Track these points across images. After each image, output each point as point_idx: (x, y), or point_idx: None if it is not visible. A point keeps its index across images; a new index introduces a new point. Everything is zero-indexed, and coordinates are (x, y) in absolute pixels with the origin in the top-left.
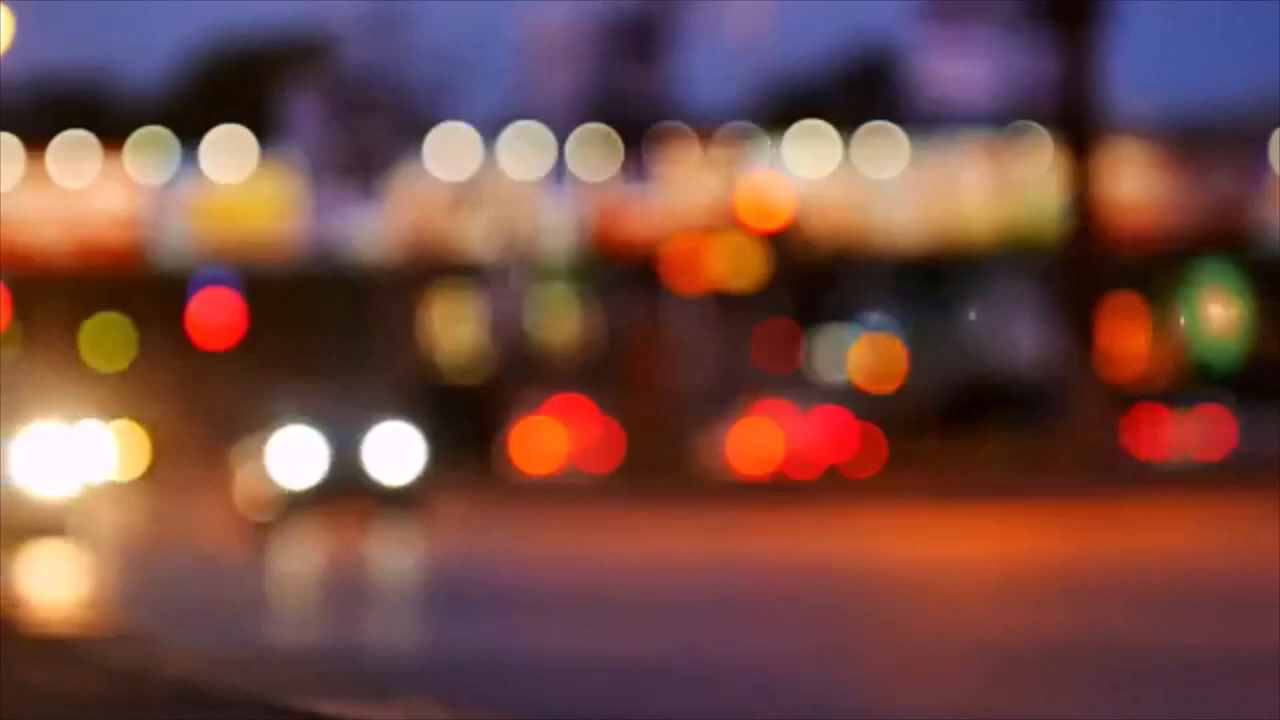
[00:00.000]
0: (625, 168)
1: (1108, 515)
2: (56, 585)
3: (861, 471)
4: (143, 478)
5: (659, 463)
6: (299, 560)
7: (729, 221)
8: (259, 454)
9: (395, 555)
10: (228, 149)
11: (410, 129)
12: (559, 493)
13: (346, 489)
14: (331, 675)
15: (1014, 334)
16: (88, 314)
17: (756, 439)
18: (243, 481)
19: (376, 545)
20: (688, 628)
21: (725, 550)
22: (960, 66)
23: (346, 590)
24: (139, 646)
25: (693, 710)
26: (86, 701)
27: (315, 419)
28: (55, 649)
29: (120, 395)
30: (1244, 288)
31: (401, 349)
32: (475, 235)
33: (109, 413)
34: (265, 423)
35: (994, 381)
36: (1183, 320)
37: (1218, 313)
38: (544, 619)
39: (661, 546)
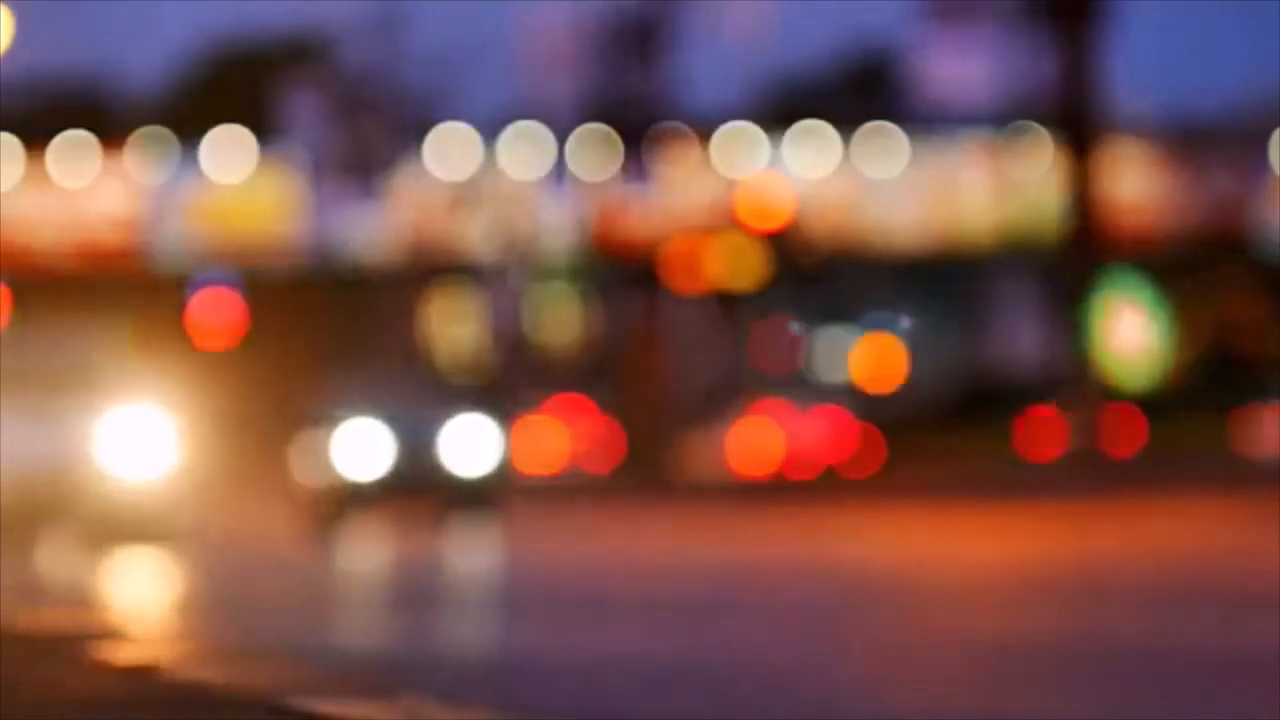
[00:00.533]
0: (625, 168)
1: (1107, 514)
2: (146, 588)
3: (861, 471)
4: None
5: (659, 463)
6: (356, 559)
7: (729, 221)
8: (321, 448)
9: (469, 555)
10: (228, 149)
11: (410, 129)
12: (558, 492)
13: (417, 484)
14: (331, 675)
15: (1014, 334)
16: (88, 314)
17: (756, 439)
18: (302, 476)
19: (449, 544)
20: (687, 627)
21: (725, 550)
22: (960, 66)
23: (382, 590)
24: (139, 645)
25: (693, 710)
26: (86, 701)
27: (383, 411)
28: (55, 648)
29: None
30: (1159, 299)
31: (401, 349)
32: (475, 235)
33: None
34: (327, 415)
35: (993, 381)
36: (1085, 331)
37: (1129, 326)
38: (543, 618)
39: (661, 546)
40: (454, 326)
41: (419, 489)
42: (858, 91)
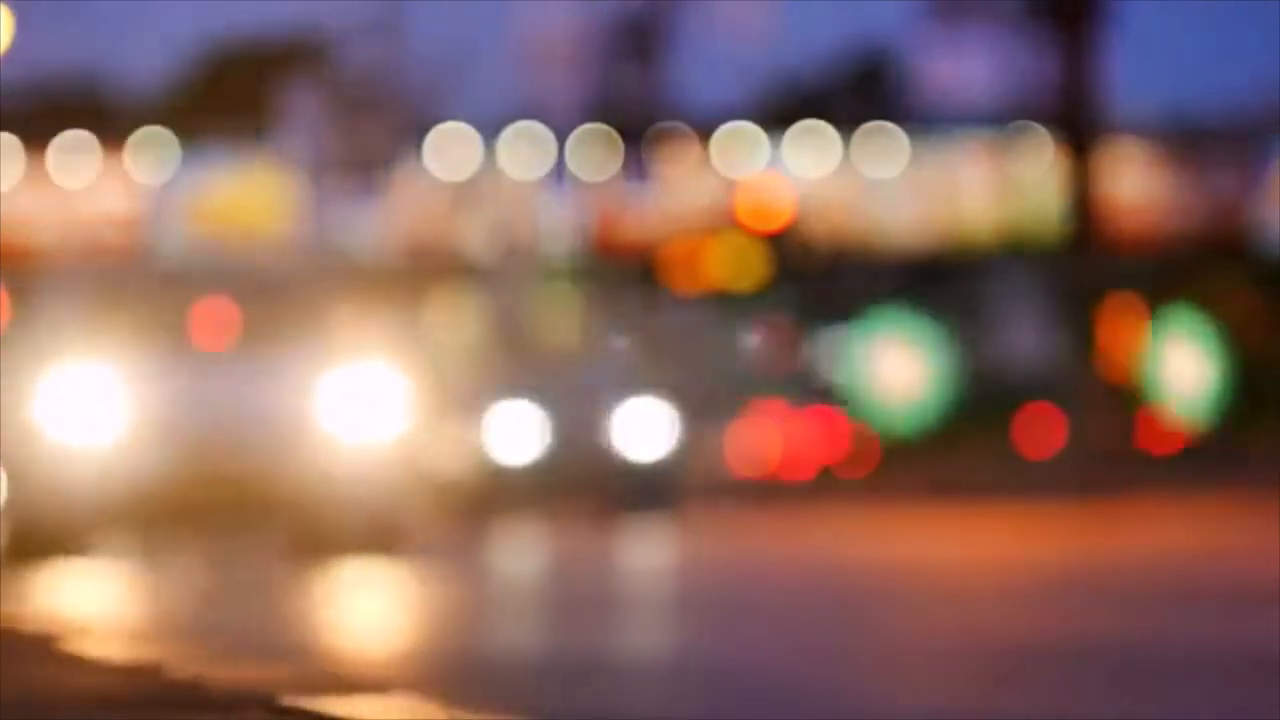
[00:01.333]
0: (625, 168)
1: (1108, 515)
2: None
3: (856, 472)
4: None
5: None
6: (508, 558)
7: (729, 221)
8: (471, 434)
9: (641, 552)
10: (227, 149)
11: (410, 129)
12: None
13: (578, 473)
14: (331, 675)
15: (1013, 334)
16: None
17: (755, 439)
18: (446, 466)
19: (617, 541)
20: (687, 627)
21: (725, 549)
22: (960, 66)
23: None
24: (138, 645)
25: (692, 710)
26: (85, 701)
27: (540, 393)
28: (54, 647)
29: None
30: (940, 335)
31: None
32: (475, 235)
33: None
34: (478, 399)
35: (992, 381)
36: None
37: (896, 365)
38: (541, 619)
39: (660, 546)
40: (454, 327)
41: (580, 480)
42: (858, 91)
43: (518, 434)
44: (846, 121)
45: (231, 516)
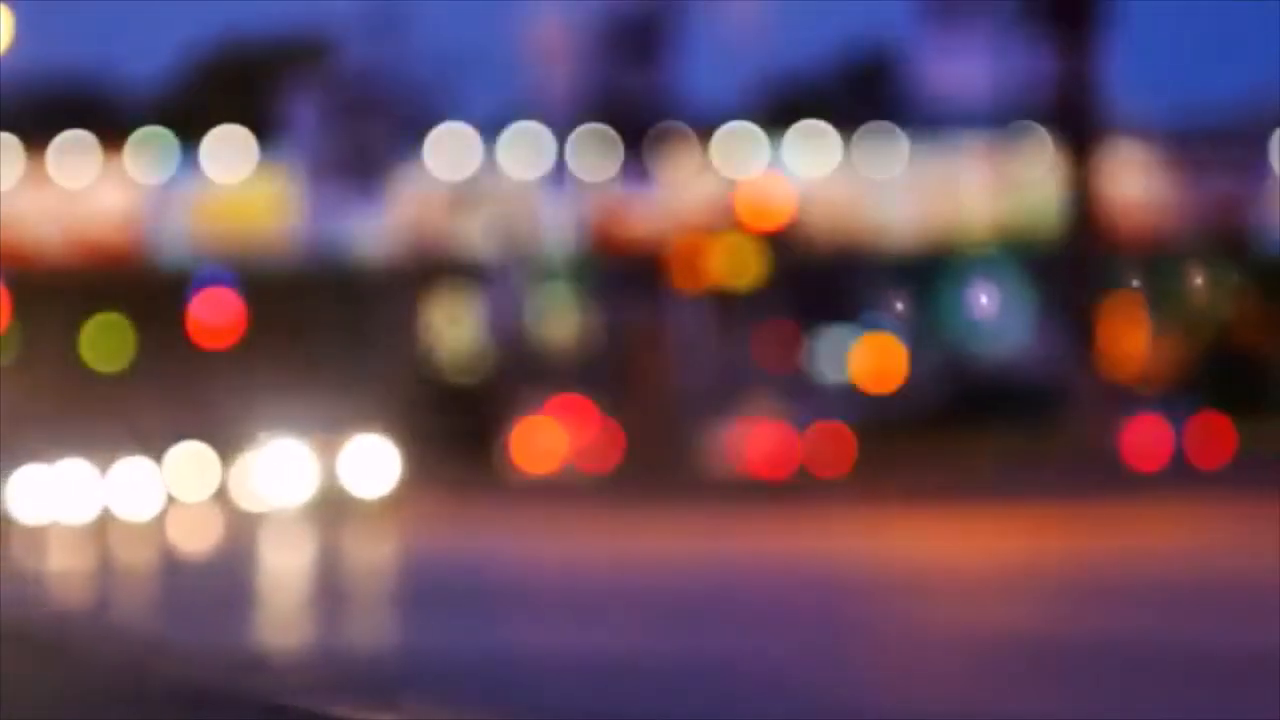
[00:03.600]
0: (625, 168)
1: (1104, 516)
2: None
3: (833, 472)
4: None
5: (659, 463)
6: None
7: (729, 221)
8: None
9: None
10: (228, 149)
11: (410, 129)
12: (559, 493)
13: None
14: (331, 675)
15: (1012, 334)
16: (88, 314)
17: (755, 439)
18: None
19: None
20: (687, 627)
21: (724, 550)
22: (960, 66)
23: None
24: (140, 646)
25: (692, 710)
26: (87, 700)
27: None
28: (55, 648)
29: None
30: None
31: (401, 349)
32: (475, 235)
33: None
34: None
35: (993, 381)
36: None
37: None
38: (543, 619)
39: (661, 546)
40: (454, 326)
41: None
42: (858, 91)
43: None
44: (846, 121)
45: None
